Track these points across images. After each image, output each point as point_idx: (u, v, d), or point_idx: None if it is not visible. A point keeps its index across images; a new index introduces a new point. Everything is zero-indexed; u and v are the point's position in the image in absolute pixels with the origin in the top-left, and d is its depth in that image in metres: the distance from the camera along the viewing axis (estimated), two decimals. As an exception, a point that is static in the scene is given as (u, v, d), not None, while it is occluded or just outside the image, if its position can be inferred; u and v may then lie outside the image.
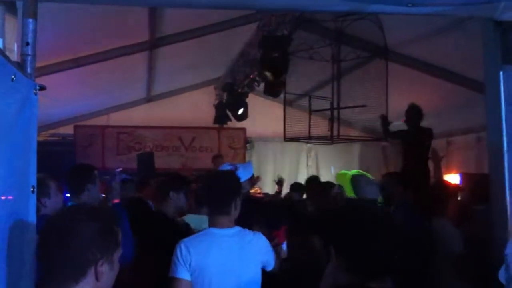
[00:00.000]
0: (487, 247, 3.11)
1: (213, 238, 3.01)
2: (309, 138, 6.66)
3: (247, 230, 3.15)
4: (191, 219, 4.23)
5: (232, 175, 3.36)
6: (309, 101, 6.54)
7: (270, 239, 3.39)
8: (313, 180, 6.95)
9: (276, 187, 8.17)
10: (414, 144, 6.79)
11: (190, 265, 2.91)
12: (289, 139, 6.72)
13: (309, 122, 6.51)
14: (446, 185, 5.05)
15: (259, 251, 3.11)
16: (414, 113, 6.84)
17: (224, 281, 2.93)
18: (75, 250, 1.69)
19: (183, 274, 2.92)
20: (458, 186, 6.31)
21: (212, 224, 3.12)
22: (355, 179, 3.48)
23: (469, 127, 8.51)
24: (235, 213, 3.15)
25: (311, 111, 6.55)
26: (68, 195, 4.18)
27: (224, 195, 3.13)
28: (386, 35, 6.03)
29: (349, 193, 3.24)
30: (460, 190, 5.25)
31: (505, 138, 2.82)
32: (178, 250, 2.96)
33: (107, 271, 1.74)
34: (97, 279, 1.71)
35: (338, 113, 6.13)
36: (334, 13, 5.49)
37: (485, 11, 2.84)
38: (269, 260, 3.17)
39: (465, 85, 7.03)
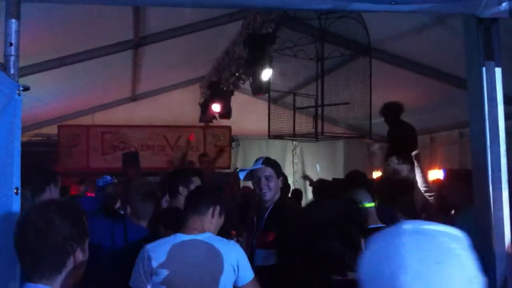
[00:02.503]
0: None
1: (178, 245, 2.79)
2: (293, 136, 6.67)
3: (219, 238, 2.93)
4: None
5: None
6: (294, 98, 6.56)
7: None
8: None
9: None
10: (396, 141, 6.85)
11: (151, 273, 2.73)
12: (273, 136, 6.73)
13: (294, 120, 6.53)
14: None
15: (227, 262, 2.82)
16: (389, 111, 6.90)
17: None
18: (55, 244, 1.85)
19: (141, 284, 2.76)
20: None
21: (182, 227, 2.91)
22: None
23: (452, 123, 8.59)
24: (216, 220, 2.97)
25: (295, 109, 6.58)
26: None
27: (201, 196, 2.98)
28: (369, 31, 6.06)
29: None
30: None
31: (488, 134, 2.85)
32: (140, 256, 2.80)
33: (82, 259, 1.93)
34: (75, 267, 1.90)
35: (322, 110, 6.14)
36: (317, 11, 5.50)
37: (468, 8, 2.87)
38: (243, 274, 2.87)
39: (448, 81, 7.09)
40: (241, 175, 3.81)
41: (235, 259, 2.85)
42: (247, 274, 2.89)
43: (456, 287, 1.12)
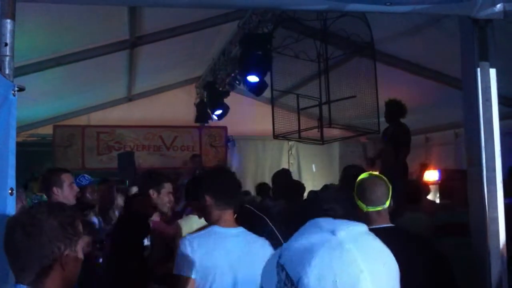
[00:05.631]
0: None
1: (218, 238, 2.88)
2: (298, 137, 6.62)
3: (252, 233, 3.03)
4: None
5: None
6: (297, 100, 6.51)
7: None
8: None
9: None
10: (392, 141, 6.88)
11: (194, 263, 2.80)
12: (279, 136, 6.66)
13: (299, 121, 6.49)
14: (420, 182, 5.16)
15: (263, 258, 2.90)
16: (392, 109, 6.92)
17: (226, 282, 2.81)
18: (41, 245, 1.83)
19: (189, 272, 2.81)
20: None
21: (216, 221, 2.96)
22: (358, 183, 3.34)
23: (447, 123, 8.61)
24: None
25: (299, 110, 6.53)
26: None
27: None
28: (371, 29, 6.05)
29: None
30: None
31: (482, 134, 2.86)
32: (182, 247, 2.85)
33: (72, 261, 1.90)
34: (63, 269, 1.87)
35: (329, 108, 6.07)
36: (314, 11, 5.51)
37: (463, 9, 2.88)
38: None
39: (443, 81, 7.11)
40: None
41: (267, 252, 2.87)
42: None
43: (395, 282, 1.19)
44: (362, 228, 1.24)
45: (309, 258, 1.17)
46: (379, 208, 2.95)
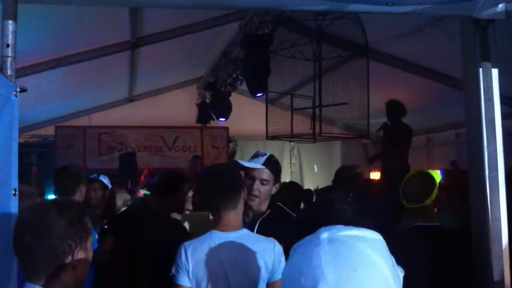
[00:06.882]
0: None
1: (213, 244, 2.74)
2: (291, 137, 6.69)
3: (255, 235, 2.89)
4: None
5: (233, 168, 3.12)
6: (291, 100, 6.57)
7: None
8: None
9: None
10: (393, 141, 6.89)
11: (188, 271, 2.73)
12: (271, 137, 6.75)
13: (291, 121, 6.55)
14: None
15: (261, 262, 2.74)
16: (392, 109, 6.93)
17: None
18: (51, 245, 1.80)
19: (183, 280, 2.75)
20: None
21: (217, 224, 2.84)
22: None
23: (448, 123, 8.61)
24: (242, 207, 2.90)
25: (293, 110, 6.59)
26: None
27: (232, 186, 2.84)
28: (367, 33, 6.09)
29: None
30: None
31: (484, 134, 2.85)
32: (179, 254, 2.77)
33: (83, 259, 1.88)
34: (74, 267, 1.84)
35: (320, 111, 6.16)
36: (314, 12, 5.51)
37: (464, 9, 2.87)
38: (275, 271, 2.76)
39: (445, 82, 7.11)
40: None
41: (270, 256, 2.76)
42: (279, 272, 2.77)
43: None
44: (354, 232, 1.22)
45: (290, 257, 1.23)
46: (416, 205, 3.11)
